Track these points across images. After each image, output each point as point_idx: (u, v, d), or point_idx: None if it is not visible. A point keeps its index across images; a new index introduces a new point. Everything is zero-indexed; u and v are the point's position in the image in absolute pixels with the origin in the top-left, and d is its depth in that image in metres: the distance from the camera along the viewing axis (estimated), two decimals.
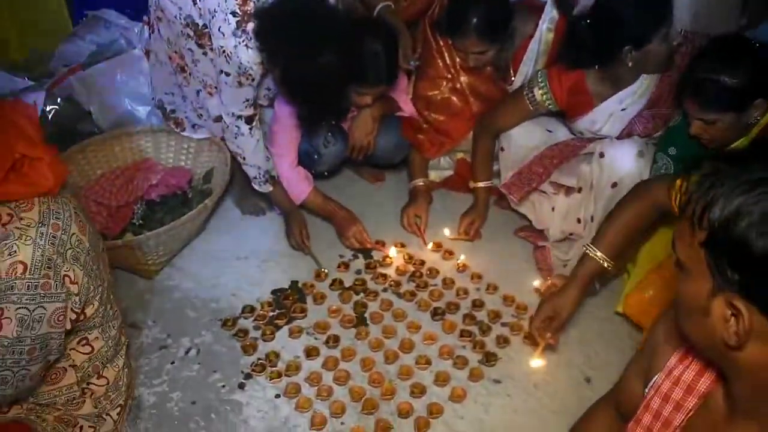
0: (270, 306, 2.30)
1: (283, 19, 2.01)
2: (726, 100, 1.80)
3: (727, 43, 1.88)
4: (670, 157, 2.05)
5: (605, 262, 1.88)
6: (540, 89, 2.33)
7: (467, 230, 2.55)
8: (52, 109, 2.96)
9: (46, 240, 1.42)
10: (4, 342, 1.40)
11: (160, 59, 2.48)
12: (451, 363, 2.09)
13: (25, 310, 1.40)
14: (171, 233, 2.30)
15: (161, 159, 2.75)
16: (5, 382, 1.46)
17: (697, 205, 0.91)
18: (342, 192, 2.81)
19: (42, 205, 1.44)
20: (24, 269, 1.38)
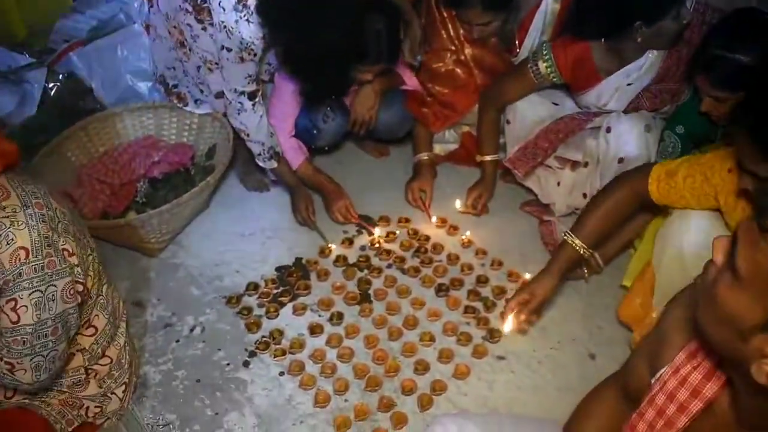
0: (274, 283, 2.29)
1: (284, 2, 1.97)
2: (737, 80, 1.74)
3: (744, 19, 1.81)
4: (677, 135, 2.01)
5: (583, 250, 1.89)
6: (544, 62, 2.28)
7: (474, 204, 2.53)
8: (53, 86, 2.94)
9: (37, 220, 1.42)
10: (27, 329, 1.43)
11: (160, 34, 2.45)
12: (455, 339, 2.09)
13: (38, 292, 1.42)
14: (174, 211, 2.29)
15: (163, 135, 2.73)
16: (39, 369, 1.49)
17: None
18: (346, 166, 2.80)
19: (17, 189, 1.44)
20: (27, 254, 1.39)
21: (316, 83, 2.26)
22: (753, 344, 0.85)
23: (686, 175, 1.71)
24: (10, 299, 1.40)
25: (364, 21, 2.15)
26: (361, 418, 1.86)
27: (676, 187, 1.73)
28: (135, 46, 2.85)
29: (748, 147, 1.42)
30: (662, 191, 1.76)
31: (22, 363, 1.47)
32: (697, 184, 1.69)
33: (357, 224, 2.54)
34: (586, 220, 1.89)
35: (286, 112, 2.51)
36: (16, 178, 1.47)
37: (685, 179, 1.71)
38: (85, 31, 3.05)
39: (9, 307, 1.41)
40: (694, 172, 1.70)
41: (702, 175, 1.68)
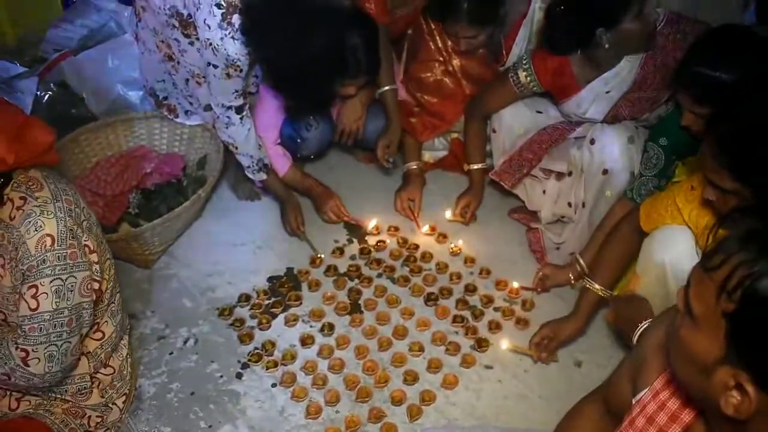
0: (266, 294, 2.33)
1: (268, 15, 1.99)
2: (717, 97, 1.75)
3: (726, 36, 1.82)
4: (661, 147, 2.04)
5: (604, 293, 1.99)
6: (524, 71, 2.32)
7: (463, 213, 2.56)
8: (45, 95, 2.95)
9: (65, 213, 1.52)
10: (45, 316, 1.51)
11: (149, 47, 2.47)
12: (444, 349, 2.14)
13: (59, 280, 1.50)
14: (167, 225, 2.33)
15: (155, 145, 2.75)
16: (52, 359, 1.55)
17: (732, 275, 0.87)
18: (335, 173, 2.84)
19: (50, 185, 1.54)
20: (52, 242, 1.48)
21: (300, 99, 2.29)
22: (717, 378, 0.90)
23: (662, 198, 1.78)
24: (32, 285, 1.48)
25: (343, 37, 2.17)
26: (352, 429, 1.91)
27: (655, 208, 1.80)
28: (126, 56, 2.86)
29: (714, 159, 1.46)
30: (644, 217, 1.86)
31: (37, 351, 1.52)
32: (667, 202, 1.77)
33: (348, 222, 2.59)
34: (600, 267, 2.02)
35: (271, 122, 2.55)
36: (51, 175, 1.58)
37: (660, 201, 1.78)
38: (76, 40, 3.06)
39: (30, 294, 1.49)
40: (668, 193, 1.78)
41: (671, 195, 1.75)
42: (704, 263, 0.92)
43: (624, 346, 2.09)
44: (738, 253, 0.87)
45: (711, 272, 0.90)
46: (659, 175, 2.05)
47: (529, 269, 2.37)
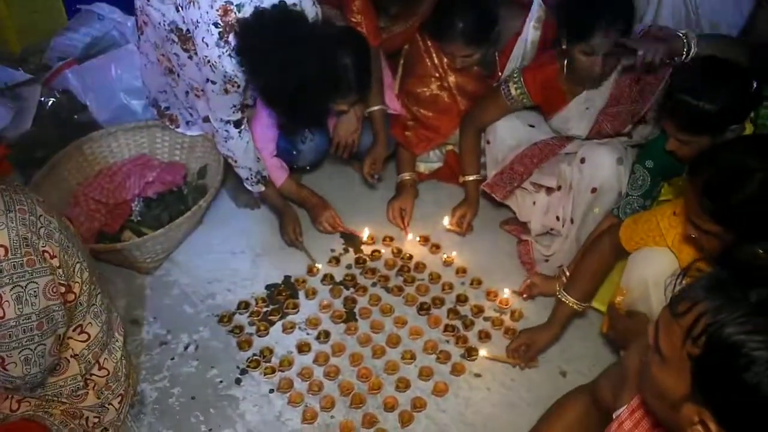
0: (264, 302, 2.41)
1: (261, 39, 2.05)
2: (702, 125, 1.84)
3: (709, 68, 1.89)
4: (647, 170, 2.13)
5: (577, 306, 2.11)
6: (514, 84, 2.42)
7: (459, 223, 2.64)
8: (49, 101, 3.02)
9: (17, 222, 1.54)
10: (11, 323, 1.53)
11: (151, 60, 2.54)
12: (435, 357, 2.22)
13: (19, 287, 1.52)
14: (169, 234, 2.40)
15: (156, 154, 2.83)
16: (29, 362, 1.59)
17: (697, 322, 0.95)
18: (331, 183, 2.91)
19: (5, 197, 1.56)
20: (5, 252, 1.50)
21: (293, 118, 2.37)
22: (683, 413, 0.99)
23: (645, 220, 1.87)
24: None
25: (335, 58, 2.24)
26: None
27: (638, 230, 1.89)
28: (129, 66, 2.92)
29: (697, 204, 1.55)
30: (627, 237, 1.94)
31: (12, 356, 1.57)
32: (651, 225, 1.85)
33: (342, 233, 2.67)
34: (577, 280, 2.11)
35: (268, 135, 2.61)
36: (8, 188, 1.60)
37: (644, 223, 1.86)
38: (80, 49, 3.13)
39: None
40: (651, 216, 1.86)
41: (655, 219, 1.84)
42: (672, 308, 1.00)
43: (606, 357, 2.18)
44: (703, 301, 0.96)
45: (678, 318, 0.98)
46: (644, 195, 2.14)
47: (519, 280, 2.45)
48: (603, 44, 2.12)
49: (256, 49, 2.08)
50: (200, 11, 2.12)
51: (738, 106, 1.82)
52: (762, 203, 1.43)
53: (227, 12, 2.09)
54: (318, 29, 2.18)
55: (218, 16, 2.09)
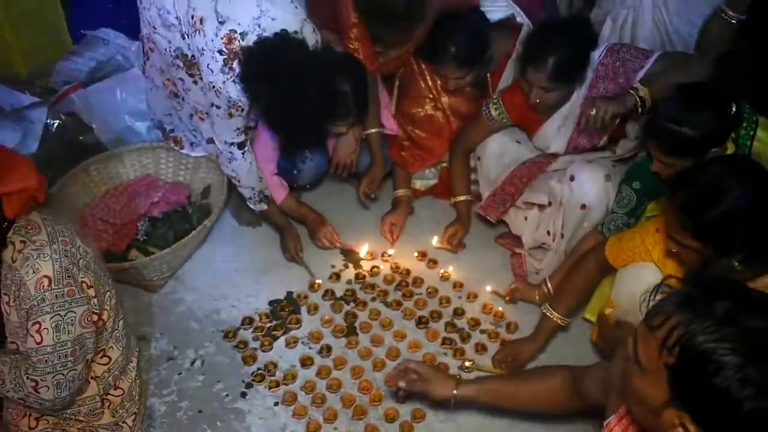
0: (267, 317, 2.49)
1: (266, 65, 2.14)
2: (685, 150, 1.92)
3: (692, 94, 1.98)
4: (633, 191, 2.22)
5: (561, 321, 2.23)
6: (494, 106, 2.56)
7: (450, 241, 2.73)
8: (54, 123, 3.10)
9: (60, 254, 1.65)
10: (48, 349, 1.64)
11: (156, 84, 2.64)
12: None
13: (58, 316, 1.64)
14: (174, 253, 2.49)
15: (161, 174, 2.92)
16: (60, 386, 1.69)
17: (671, 334, 1.05)
18: (331, 201, 3.00)
19: (48, 227, 1.67)
20: (49, 282, 1.62)
21: (294, 140, 2.46)
22: (664, 418, 1.09)
23: (629, 238, 1.96)
24: (35, 322, 1.62)
25: (334, 84, 2.33)
26: None
27: (623, 248, 1.99)
28: (134, 89, 3.02)
29: (678, 222, 1.64)
30: (614, 255, 2.04)
31: (45, 380, 1.66)
32: (636, 243, 1.95)
33: (344, 249, 2.75)
34: (563, 296, 2.22)
35: (269, 155, 2.70)
36: (49, 217, 1.71)
37: (628, 242, 1.96)
38: (85, 72, 3.22)
39: (34, 329, 1.63)
40: (634, 234, 1.96)
41: (639, 236, 1.93)
42: (647, 322, 1.10)
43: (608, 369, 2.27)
44: (675, 314, 1.06)
45: (653, 331, 1.09)
46: (629, 213, 2.24)
47: None
48: (535, 79, 2.29)
49: (259, 76, 2.18)
50: (206, 39, 2.21)
51: (719, 130, 1.92)
52: (737, 220, 1.52)
53: (231, 40, 2.18)
54: (318, 57, 2.27)
55: (223, 44, 2.18)
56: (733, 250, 1.57)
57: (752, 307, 1.03)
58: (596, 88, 2.37)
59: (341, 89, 2.40)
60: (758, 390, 0.96)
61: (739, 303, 1.03)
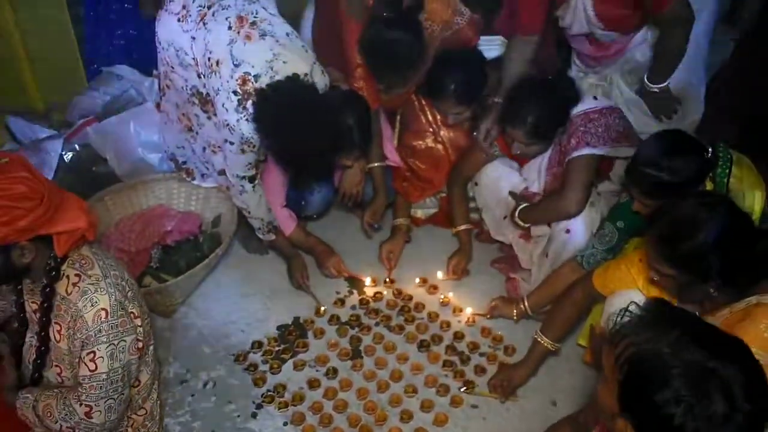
0: (276, 341, 2.61)
1: (277, 106, 2.28)
2: (662, 192, 2.04)
3: (669, 141, 2.12)
4: (617, 229, 2.36)
5: (552, 346, 2.35)
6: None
7: (455, 270, 2.86)
8: (69, 154, 3.25)
9: (114, 288, 1.77)
10: (102, 376, 1.75)
11: (171, 118, 2.78)
12: (435, 391, 2.42)
13: (112, 346, 1.75)
14: (189, 279, 2.61)
15: (173, 204, 3.05)
16: (110, 410, 1.80)
17: (622, 353, 1.20)
18: (337, 230, 3.13)
19: (99, 261, 1.80)
20: (106, 314, 1.74)
21: (302, 175, 2.60)
22: (617, 425, 1.24)
23: (615, 268, 2.11)
24: (90, 351, 1.73)
25: (340, 121, 2.48)
26: None
27: (610, 277, 2.13)
28: (146, 122, 3.17)
29: (656, 252, 1.78)
30: (600, 284, 2.17)
31: (98, 405, 1.77)
32: (621, 273, 2.08)
33: (347, 278, 2.87)
34: (553, 323, 2.34)
35: (278, 188, 2.84)
36: (99, 252, 1.84)
37: (614, 271, 2.10)
38: (100, 106, 3.37)
39: (89, 358, 1.74)
40: (619, 264, 2.10)
41: (625, 266, 2.07)
42: (609, 338, 1.26)
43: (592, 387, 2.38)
44: (630, 335, 1.21)
45: (611, 347, 1.24)
46: (609, 250, 2.37)
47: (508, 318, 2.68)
48: (515, 135, 2.51)
49: (271, 116, 2.31)
50: (221, 80, 2.35)
51: (696, 174, 2.06)
52: (710, 250, 1.66)
53: (246, 82, 2.31)
54: (326, 98, 2.42)
55: (238, 85, 2.32)
56: (707, 278, 1.70)
57: (698, 338, 1.17)
58: (560, 141, 2.53)
59: (346, 125, 2.55)
60: (688, 409, 1.10)
61: (688, 333, 1.17)
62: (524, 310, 2.58)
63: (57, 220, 1.67)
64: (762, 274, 1.70)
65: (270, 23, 2.40)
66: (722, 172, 2.12)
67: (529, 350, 2.41)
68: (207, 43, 2.38)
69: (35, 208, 1.60)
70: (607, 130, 2.45)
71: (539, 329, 2.36)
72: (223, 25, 2.37)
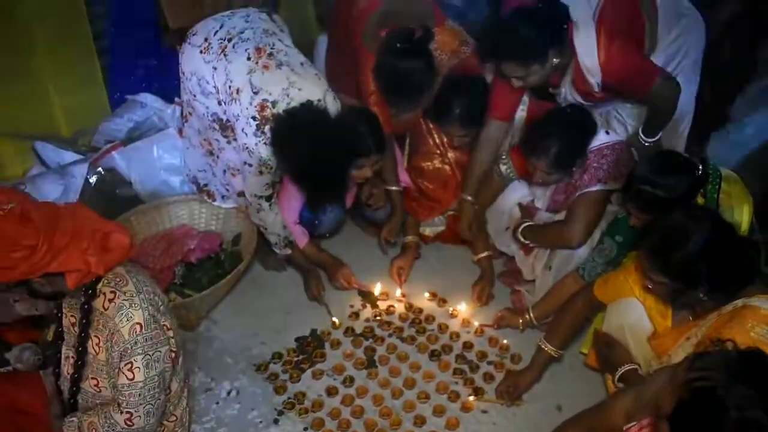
0: (295, 352, 2.76)
1: (293, 131, 2.43)
2: (657, 208, 2.18)
3: (664, 160, 2.28)
4: (616, 243, 2.51)
5: (555, 353, 2.50)
6: (504, 164, 2.88)
7: (480, 297, 3.00)
8: (94, 178, 3.42)
9: (147, 303, 1.91)
10: (139, 384, 1.90)
11: (193, 144, 2.96)
12: (446, 397, 2.56)
13: (147, 356, 1.90)
14: (213, 293, 2.77)
15: (194, 224, 3.22)
16: (149, 414, 1.94)
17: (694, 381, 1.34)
18: (352, 249, 3.29)
19: (133, 279, 1.93)
20: (141, 328, 1.88)
21: (316, 195, 2.73)
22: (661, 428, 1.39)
23: (614, 278, 2.27)
24: (127, 362, 1.88)
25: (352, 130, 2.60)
26: None
27: (610, 287, 2.29)
28: (169, 147, 3.34)
29: (649, 262, 1.94)
30: (601, 293, 2.33)
31: (138, 411, 1.91)
32: (620, 283, 2.23)
33: (361, 291, 3.02)
34: (556, 332, 2.48)
35: (293, 206, 2.99)
36: (132, 269, 1.98)
37: (614, 281, 2.27)
38: (124, 132, 3.54)
39: (126, 368, 1.88)
40: (618, 274, 2.26)
41: (623, 277, 2.22)
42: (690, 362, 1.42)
43: (594, 391, 2.51)
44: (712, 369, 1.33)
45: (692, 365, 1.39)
46: (608, 263, 2.52)
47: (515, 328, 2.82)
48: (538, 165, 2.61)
49: (288, 140, 2.47)
50: (241, 107, 2.52)
51: (688, 190, 2.21)
52: (698, 259, 1.82)
53: (264, 108, 2.48)
54: (338, 121, 2.56)
55: (256, 111, 2.49)
56: (697, 284, 1.85)
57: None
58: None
59: (360, 132, 2.66)
60: None
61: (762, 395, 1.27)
62: (530, 320, 2.73)
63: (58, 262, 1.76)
64: (747, 280, 1.85)
65: (286, 54, 2.58)
66: (712, 188, 2.27)
67: (534, 357, 2.55)
68: (228, 73, 2.56)
69: (30, 256, 1.71)
70: (617, 166, 2.58)
71: (543, 337, 2.51)
72: (242, 56, 2.55)
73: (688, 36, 2.64)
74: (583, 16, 2.46)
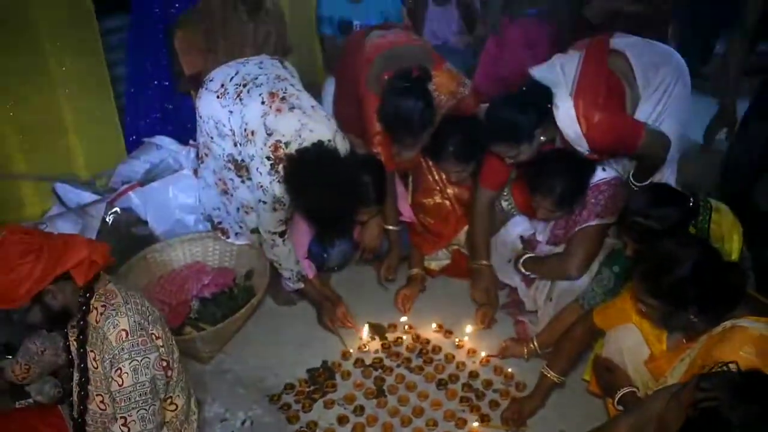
0: (306, 383, 2.85)
1: (304, 169, 2.58)
2: (651, 238, 2.26)
3: (657, 194, 2.41)
4: (613, 273, 2.63)
5: (558, 379, 2.58)
6: (506, 201, 3.02)
7: (482, 320, 3.11)
8: (111, 217, 3.55)
9: (133, 311, 2.02)
10: (128, 389, 1.98)
11: (208, 183, 3.11)
12: (454, 424, 2.64)
13: (135, 362, 1.98)
14: (225, 328, 2.88)
15: (208, 260, 3.34)
16: (145, 420, 2.01)
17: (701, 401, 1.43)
18: (355, 282, 3.43)
19: (122, 292, 2.06)
20: (126, 335, 1.97)
21: (326, 230, 2.88)
22: None
23: (612, 306, 2.38)
24: (117, 368, 1.97)
25: (359, 182, 2.77)
26: None
27: (609, 314, 2.39)
28: (184, 187, 3.49)
29: (640, 287, 2.05)
30: (601, 321, 2.43)
31: (131, 415, 1.99)
32: (617, 309, 2.35)
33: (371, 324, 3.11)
34: (558, 359, 2.57)
35: (303, 240, 3.13)
36: (122, 286, 2.10)
37: (612, 309, 2.38)
38: (140, 173, 3.70)
39: (116, 374, 1.97)
40: (616, 302, 2.37)
41: (621, 303, 2.34)
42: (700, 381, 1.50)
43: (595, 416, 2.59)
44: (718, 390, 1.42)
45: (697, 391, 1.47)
46: (607, 293, 2.63)
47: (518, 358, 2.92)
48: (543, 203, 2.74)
49: (299, 179, 2.61)
50: (255, 147, 2.68)
51: (680, 222, 2.33)
52: (686, 283, 1.93)
53: (277, 148, 2.63)
54: (347, 161, 2.72)
55: (270, 151, 2.63)
56: (686, 306, 1.96)
57: None
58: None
59: (364, 182, 2.84)
60: None
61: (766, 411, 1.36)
62: (534, 349, 2.83)
63: (65, 259, 1.92)
64: (735, 301, 1.96)
65: (297, 98, 2.75)
66: (703, 219, 2.39)
67: (537, 384, 2.64)
68: (243, 116, 2.73)
69: (40, 258, 1.86)
70: (614, 201, 2.70)
71: (545, 364, 2.60)
72: (256, 101, 2.71)
73: (671, 78, 2.71)
74: (560, 92, 2.57)
